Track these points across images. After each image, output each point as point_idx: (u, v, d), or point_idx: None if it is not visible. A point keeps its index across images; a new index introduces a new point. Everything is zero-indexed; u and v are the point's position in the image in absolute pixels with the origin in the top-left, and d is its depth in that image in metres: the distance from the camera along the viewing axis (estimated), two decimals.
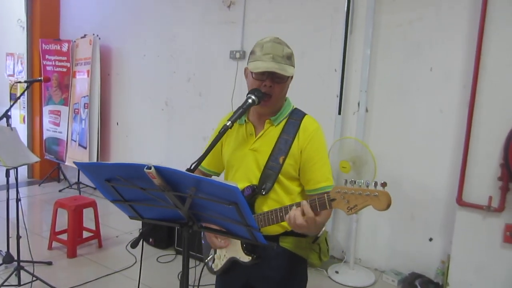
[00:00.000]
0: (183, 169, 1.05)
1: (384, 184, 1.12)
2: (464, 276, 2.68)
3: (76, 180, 5.00)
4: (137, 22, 4.53)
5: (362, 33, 3.14)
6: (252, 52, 1.50)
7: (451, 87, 2.87)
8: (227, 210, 1.05)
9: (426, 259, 3.03)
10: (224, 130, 1.36)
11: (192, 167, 1.30)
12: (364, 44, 3.13)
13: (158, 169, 1.01)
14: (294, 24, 3.43)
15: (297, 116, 1.50)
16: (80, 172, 4.95)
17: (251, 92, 1.43)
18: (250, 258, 1.45)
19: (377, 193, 1.12)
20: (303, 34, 3.38)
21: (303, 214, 1.22)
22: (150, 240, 3.50)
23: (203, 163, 1.69)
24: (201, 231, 1.41)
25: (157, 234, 3.47)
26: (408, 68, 3.01)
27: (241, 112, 1.40)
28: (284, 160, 1.42)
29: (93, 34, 4.59)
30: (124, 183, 1.11)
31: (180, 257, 3.29)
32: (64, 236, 3.33)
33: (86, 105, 4.72)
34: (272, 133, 1.48)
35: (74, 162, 1.12)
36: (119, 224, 3.97)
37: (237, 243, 1.49)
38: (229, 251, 1.53)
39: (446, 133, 2.89)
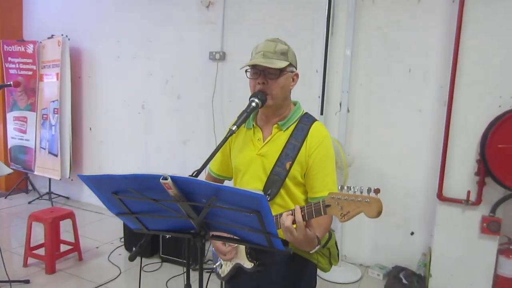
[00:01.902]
0: (165, 174, 1.00)
1: (377, 191, 1.10)
2: (445, 266, 2.79)
3: (47, 191, 4.77)
4: (109, 22, 4.37)
5: (343, 35, 3.19)
6: (251, 55, 1.50)
7: (428, 88, 2.97)
8: (246, 218, 1.03)
9: (408, 253, 3.13)
10: (229, 135, 1.34)
11: (194, 174, 1.27)
12: (345, 46, 3.19)
13: (175, 179, 0.98)
14: (274, 25, 3.44)
15: (306, 121, 1.47)
16: (51, 181, 4.72)
17: (253, 95, 1.42)
18: (252, 264, 1.43)
19: (368, 200, 1.10)
20: (284, 35, 3.30)
21: (293, 221, 1.19)
22: (133, 249, 3.39)
23: (213, 168, 1.67)
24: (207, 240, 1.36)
25: (139, 242, 3.36)
26: (387, 69, 3.09)
27: (246, 116, 1.38)
28: (291, 165, 1.40)
29: (62, 35, 4.39)
30: (135, 195, 1.06)
31: (166, 265, 3.23)
32: (40, 251, 3.13)
33: (56, 110, 4.51)
34: (280, 138, 1.46)
35: (78, 175, 1.06)
36: (97, 234, 3.83)
37: (242, 249, 1.47)
38: (235, 258, 1.50)
39: (425, 131, 3.00)
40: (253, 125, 1.53)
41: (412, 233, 3.11)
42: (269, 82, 1.41)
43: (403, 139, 3.08)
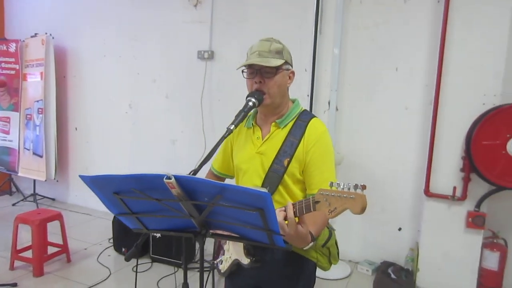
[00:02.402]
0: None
1: (363, 187, 1.10)
2: (432, 261, 2.86)
3: (32, 192, 4.66)
4: (95, 21, 4.30)
5: (331, 34, 3.22)
6: (247, 55, 1.52)
7: (415, 86, 3.03)
8: (249, 215, 1.04)
9: (396, 248, 3.20)
10: (227, 134, 1.35)
11: (191, 173, 1.27)
12: (333, 45, 3.22)
13: (179, 178, 0.99)
14: (263, 24, 3.46)
15: (304, 118, 1.49)
16: (36, 182, 4.63)
17: (250, 95, 1.44)
18: (249, 260, 1.45)
19: (353, 196, 1.09)
20: (273, 34, 3.34)
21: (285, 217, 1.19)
22: (123, 249, 3.37)
23: (216, 166, 1.69)
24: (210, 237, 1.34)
25: (129, 243, 3.35)
26: (375, 68, 3.14)
27: (243, 116, 1.39)
28: (289, 162, 1.42)
29: (46, 33, 4.30)
30: (137, 195, 1.06)
31: (157, 265, 3.22)
32: (27, 254, 3.06)
33: (40, 110, 4.42)
34: (278, 135, 1.47)
35: (80, 176, 1.05)
36: (85, 235, 3.78)
37: (241, 245, 1.48)
38: (234, 253, 1.52)
39: (411, 129, 3.06)
40: (252, 124, 1.54)
41: (399, 229, 3.18)
42: (266, 81, 1.43)
43: (391, 137, 3.14)
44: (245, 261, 1.45)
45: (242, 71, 1.51)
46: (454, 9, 2.69)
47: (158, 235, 3.11)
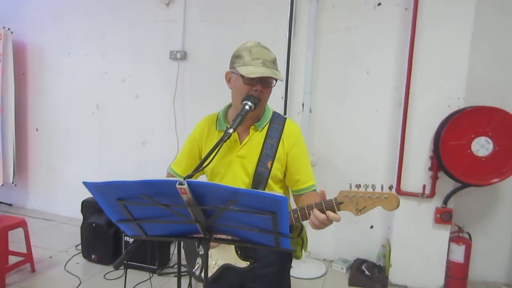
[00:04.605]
0: (122, 178, 1.01)
1: (391, 187, 1.26)
2: (404, 256, 3.00)
3: None
4: (58, 16, 4.09)
5: (304, 37, 3.29)
6: (238, 57, 1.50)
7: (385, 89, 3.16)
8: (258, 219, 1.04)
9: (368, 245, 3.31)
10: (227, 137, 1.35)
11: (186, 177, 1.25)
12: (306, 48, 3.29)
13: (191, 184, 0.97)
14: (237, 25, 3.45)
15: (278, 120, 1.57)
16: None
17: (246, 99, 1.44)
18: (248, 263, 1.46)
19: (387, 195, 1.24)
20: (247, 36, 3.37)
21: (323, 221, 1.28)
22: (93, 256, 3.23)
23: (179, 171, 1.66)
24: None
25: (99, 249, 3.22)
26: (347, 71, 3.24)
27: (241, 119, 1.40)
28: (272, 164, 1.49)
29: (4, 27, 4.03)
30: (145, 201, 1.03)
31: (131, 272, 3.10)
32: None
33: None
34: (257, 138, 1.52)
35: (83, 183, 1.00)
36: (49, 243, 3.58)
37: (230, 249, 1.49)
38: (221, 258, 1.52)
39: (382, 130, 3.18)
40: (226, 127, 1.54)
41: (371, 227, 3.30)
42: (264, 91, 1.46)
43: (363, 138, 3.25)
44: (243, 264, 1.45)
45: (233, 72, 1.50)
46: (421, 17, 2.84)
47: (131, 240, 3.03)
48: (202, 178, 1.69)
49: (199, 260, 1.61)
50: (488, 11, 2.88)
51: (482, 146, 2.66)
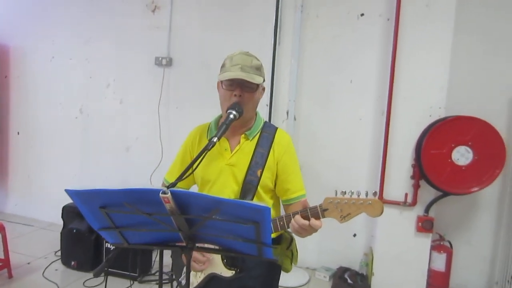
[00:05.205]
0: (104, 183, 1.02)
1: (375, 193, 1.27)
2: (386, 264, 3.02)
3: None
4: (43, 19, 4.04)
5: (289, 46, 3.32)
6: (222, 65, 1.54)
7: (368, 97, 3.21)
8: (240, 228, 1.05)
9: (351, 253, 3.34)
10: (211, 146, 1.34)
11: (169, 186, 1.25)
12: (291, 56, 3.32)
13: (175, 193, 0.97)
14: (223, 33, 3.47)
15: (269, 129, 1.58)
16: None
17: (231, 107, 1.45)
18: (233, 272, 1.46)
19: (370, 202, 1.26)
20: (232, 43, 3.43)
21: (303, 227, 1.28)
22: (72, 263, 3.17)
23: (170, 179, 1.66)
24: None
25: (79, 255, 3.16)
26: (331, 80, 3.28)
27: (225, 128, 1.40)
28: (261, 173, 1.49)
29: None
30: (128, 209, 1.02)
31: (111, 279, 3.04)
32: None
33: None
34: (247, 147, 1.53)
35: (66, 190, 0.99)
36: (28, 248, 3.50)
37: (217, 257, 1.48)
38: (207, 267, 1.51)
39: (365, 138, 3.22)
40: None
41: (354, 235, 3.33)
42: (245, 95, 1.47)
43: (347, 146, 3.28)
44: (227, 273, 1.45)
45: (221, 82, 1.53)
46: (402, 28, 2.90)
47: (113, 247, 2.99)
48: (194, 187, 1.70)
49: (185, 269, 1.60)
50: (467, 23, 2.95)
51: (462, 155, 2.72)
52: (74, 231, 3.15)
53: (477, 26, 2.99)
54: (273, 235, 1.52)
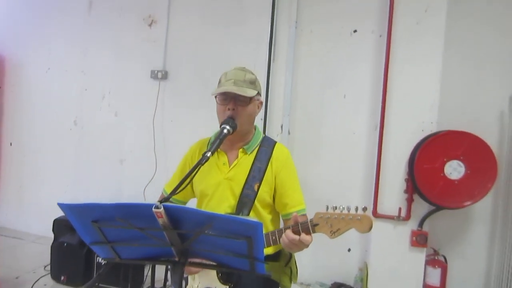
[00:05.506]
0: (97, 196, 1.03)
1: (365, 209, 1.26)
2: (381, 279, 3.01)
3: None
4: (40, 30, 4.06)
5: (284, 61, 3.36)
6: (219, 81, 1.56)
7: (361, 112, 3.22)
8: (233, 243, 1.04)
9: (345, 268, 3.31)
10: (205, 161, 1.35)
11: (162, 200, 1.25)
12: (285, 71, 3.35)
13: (168, 208, 0.97)
14: (218, 48, 3.50)
15: (268, 143, 1.58)
16: None
17: (225, 122, 1.46)
18: (228, 287, 1.45)
19: (359, 217, 1.25)
20: (227, 58, 3.47)
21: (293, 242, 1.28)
22: (62, 277, 3.11)
23: (168, 190, 1.67)
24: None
25: (69, 270, 3.11)
26: (325, 94, 3.31)
27: (219, 143, 1.41)
28: (259, 187, 1.49)
29: None
30: (120, 224, 1.01)
31: None
32: None
33: None
34: (246, 161, 1.53)
35: (58, 204, 0.99)
36: (16, 262, 3.44)
37: (211, 272, 1.47)
38: (202, 281, 1.50)
39: (359, 153, 3.23)
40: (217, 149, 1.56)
41: (349, 250, 3.31)
42: (239, 109, 1.48)
43: (340, 160, 3.29)
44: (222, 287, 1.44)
45: (215, 97, 1.54)
46: (394, 44, 2.95)
47: (104, 262, 2.95)
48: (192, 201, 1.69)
49: (184, 284, 1.59)
50: (457, 39, 3.00)
51: (454, 169, 2.74)
52: (65, 244, 3.10)
53: (467, 41, 3.04)
54: (271, 251, 1.52)
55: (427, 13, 2.88)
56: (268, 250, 1.51)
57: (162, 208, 0.96)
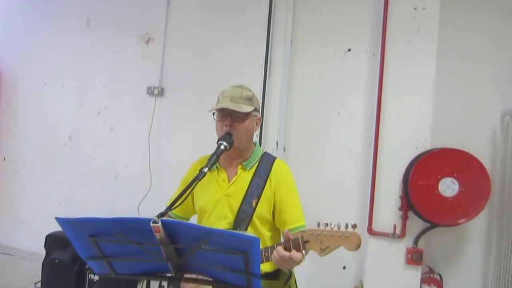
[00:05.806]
0: (90, 211, 1.03)
1: (354, 226, 1.25)
2: None
3: None
4: (36, 46, 4.09)
5: (279, 78, 3.40)
6: (217, 99, 1.58)
7: (355, 129, 3.25)
8: (230, 259, 1.04)
9: (341, 286, 3.28)
10: (201, 176, 1.36)
11: (159, 215, 1.25)
12: (281, 89, 3.39)
13: (165, 222, 0.97)
14: (214, 65, 3.55)
15: (268, 160, 1.59)
16: None
17: (221, 138, 1.48)
18: None
19: (348, 234, 1.24)
20: (223, 75, 3.51)
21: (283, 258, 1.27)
22: None
23: (174, 210, 1.64)
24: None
25: (60, 287, 3.05)
26: (320, 112, 3.34)
27: (215, 159, 1.42)
28: (257, 203, 1.49)
29: None
30: (117, 239, 1.01)
31: None
32: None
33: None
34: (244, 177, 1.53)
35: (56, 218, 0.99)
36: (6, 279, 3.38)
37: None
38: None
39: (354, 169, 3.24)
40: (216, 166, 1.57)
41: (344, 267, 3.29)
42: (236, 125, 1.50)
43: (335, 177, 3.30)
44: None
45: (213, 114, 1.56)
46: (387, 62, 3.01)
47: (96, 278, 2.90)
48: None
49: None
50: (449, 56, 3.06)
51: (448, 187, 2.76)
52: (57, 261, 3.05)
53: (460, 60, 3.10)
54: (269, 269, 1.51)
55: (419, 34, 2.96)
56: (267, 268, 1.50)
57: (160, 222, 0.96)
